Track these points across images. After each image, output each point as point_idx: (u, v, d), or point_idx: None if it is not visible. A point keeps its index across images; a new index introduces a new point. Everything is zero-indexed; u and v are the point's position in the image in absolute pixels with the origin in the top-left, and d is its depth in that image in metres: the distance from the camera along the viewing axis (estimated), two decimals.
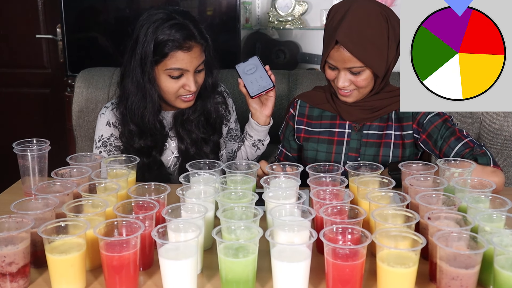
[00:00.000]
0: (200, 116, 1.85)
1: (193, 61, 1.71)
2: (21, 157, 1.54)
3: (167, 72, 1.71)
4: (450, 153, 1.65)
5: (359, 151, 1.77)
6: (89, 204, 1.28)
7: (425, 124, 1.72)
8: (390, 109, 1.75)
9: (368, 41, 1.59)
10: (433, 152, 1.71)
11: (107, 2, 3.02)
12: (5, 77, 3.54)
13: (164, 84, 1.73)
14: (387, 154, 1.75)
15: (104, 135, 1.83)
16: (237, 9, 2.89)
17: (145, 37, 1.68)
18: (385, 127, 1.76)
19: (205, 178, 1.44)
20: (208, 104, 1.86)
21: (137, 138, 1.79)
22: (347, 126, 1.79)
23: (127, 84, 1.76)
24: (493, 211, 1.21)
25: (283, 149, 1.94)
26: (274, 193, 1.34)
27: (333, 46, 1.60)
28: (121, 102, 1.79)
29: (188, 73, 1.72)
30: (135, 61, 1.71)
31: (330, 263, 1.09)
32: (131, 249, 1.12)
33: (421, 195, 1.27)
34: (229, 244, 1.12)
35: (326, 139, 1.81)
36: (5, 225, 1.17)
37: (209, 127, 1.88)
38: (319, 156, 1.81)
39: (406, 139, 1.75)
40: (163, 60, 1.69)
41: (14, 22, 3.42)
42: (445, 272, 1.07)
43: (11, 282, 1.14)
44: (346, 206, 1.25)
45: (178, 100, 1.77)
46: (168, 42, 1.67)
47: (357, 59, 1.59)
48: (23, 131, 3.32)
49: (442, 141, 1.68)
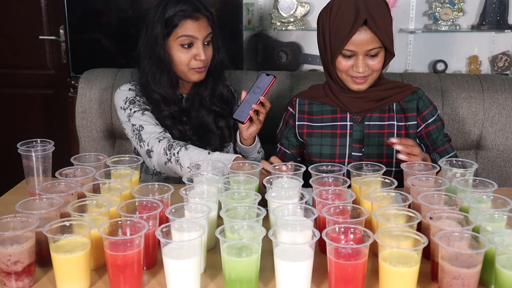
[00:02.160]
0: (213, 92, 1.95)
1: (202, 30, 1.83)
2: (25, 158, 1.55)
3: (179, 41, 1.82)
4: (444, 155, 1.80)
5: (363, 142, 1.81)
6: (93, 204, 1.29)
7: (429, 122, 1.82)
8: (393, 99, 1.82)
9: (383, 24, 1.68)
10: (427, 148, 1.83)
11: (110, 3, 3.03)
12: (9, 78, 3.55)
13: (176, 55, 1.83)
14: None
15: (129, 96, 1.89)
16: (239, 10, 2.90)
17: (156, 15, 1.82)
18: (387, 118, 1.82)
19: (208, 178, 1.45)
20: (219, 82, 1.96)
21: (163, 105, 1.87)
22: (348, 118, 1.83)
23: (143, 61, 1.87)
24: (494, 211, 1.21)
25: (281, 147, 1.94)
26: (277, 193, 1.35)
27: (356, 29, 1.65)
28: (142, 78, 1.89)
29: (197, 41, 1.83)
30: (149, 40, 1.84)
31: (333, 263, 1.10)
32: (135, 248, 1.13)
33: (423, 195, 1.27)
34: (232, 244, 1.12)
35: (329, 133, 1.83)
36: (11, 225, 1.18)
37: (223, 103, 1.97)
38: (323, 150, 1.83)
39: (410, 129, 1.82)
40: (174, 30, 1.81)
41: (18, 23, 3.43)
42: (446, 271, 1.08)
43: (16, 281, 1.15)
44: (349, 206, 1.26)
45: (190, 72, 1.86)
46: (178, 13, 1.80)
47: (378, 38, 1.67)
48: (26, 131, 3.34)
49: (441, 142, 1.84)
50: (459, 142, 2.28)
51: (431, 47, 3.30)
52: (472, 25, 3.25)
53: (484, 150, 2.30)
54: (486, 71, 3.31)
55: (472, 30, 3.25)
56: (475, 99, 2.25)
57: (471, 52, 3.29)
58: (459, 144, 2.28)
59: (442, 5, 3.14)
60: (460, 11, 3.16)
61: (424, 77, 2.35)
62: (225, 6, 2.93)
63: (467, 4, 3.21)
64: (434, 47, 3.30)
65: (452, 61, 3.29)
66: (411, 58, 3.30)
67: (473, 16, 3.24)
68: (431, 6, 3.19)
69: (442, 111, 2.25)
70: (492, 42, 3.27)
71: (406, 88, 1.84)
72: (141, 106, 1.88)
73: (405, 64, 3.30)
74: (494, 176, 2.29)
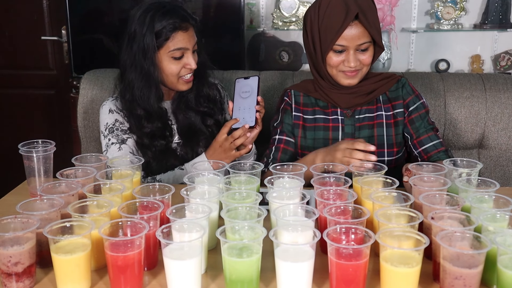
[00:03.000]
0: (199, 93, 1.94)
1: (191, 40, 1.83)
2: (26, 158, 1.55)
3: (170, 54, 1.80)
4: (428, 143, 1.83)
5: (354, 135, 1.84)
6: (94, 205, 1.29)
7: (411, 109, 1.86)
8: (381, 91, 1.86)
9: (373, 18, 1.73)
10: (410, 136, 1.85)
11: (112, 3, 3.04)
12: (11, 78, 3.56)
13: (167, 67, 1.82)
14: (381, 134, 1.85)
15: (109, 122, 1.88)
16: (241, 10, 2.90)
17: (143, 28, 1.78)
18: (375, 109, 1.86)
19: (209, 178, 1.45)
20: (203, 82, 1.95)
21: (146, 122, 1.85)
22: (339, 113, 1.86)
23: (130, 74, 1.84)
24: (496, 211, 1.21)
25: (283, 136, 1.89)
26: (278, 193, 1.34)
27: (348, 24, 1.69)
28: (126, 92, 1.86)
29: (188, 51, 1.82)
30: (137, 52, 1.80)
31: (334, 263, 1.09)
32: (136, 249, 1.13)
33: (425, 195, 1.27)
34: (233, 244, 1.12)
35: (322, 126, 1.86)
36: (11, 226, 1.17)
37: (210, 103, 1.97)
38: (316, 143, 1.85)
39: (399, 117, 1.86)
40: (165, 44, 1.79)
41: (20, 24, 3.43)
42: (448, 271, 1.07)
43: (17, 282, 1.15)
44: (350, 206, 1.25)
45: (180, 82, 1.85)
46: (167, 26, 1.77)
47: (368, 33, 1.71)
48: (28, 132, 3.34)
49: (424, 130, 1.84)
50: (461, 142, 2.28)
51: (434, 46, 3.30)
52: (475, 24, 3.25)
53: (486, 149, 2.29)
54: (489, 70, 3.30)
55: (474, 29, 3.24)
56: (477, 98, 2.25)
57: (474, 51, 3.29)
58: (461, 143, 2.28)
59: (444, 4, 3.13)
60: (462, 10, 3.15)
61: (426, 76, 2.35)
62: (227, 6, 2.93)
63: (469, 3, 3.20)
64: (436, 46, 3.29)
65: (454, 60, 3.29)
66: (413, 57, 3.30)
67: (475, 15, 3.24)
68: (433, 5, 3.19)
69: (445, 110, 2.24)
70: (494, 41, 3.26)
71: (392, 78, 1.89)
72: (119, 136, 1.86)
73: (407, 63, 3.29)
74: (496, 175, 2.29)
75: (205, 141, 1.91)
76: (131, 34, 1.82)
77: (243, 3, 2.89)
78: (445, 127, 2.26)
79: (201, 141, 1.91)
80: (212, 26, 2.96)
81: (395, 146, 1.85)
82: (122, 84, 1.88)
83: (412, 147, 1.86)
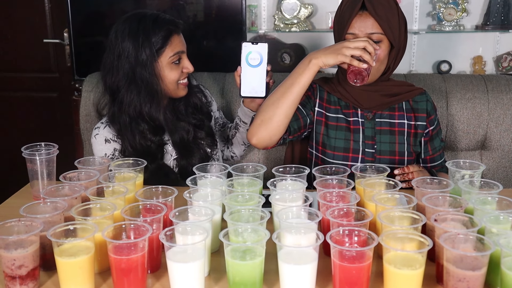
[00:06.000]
0: (188, 103, 1.93)
1: (184, 42, 1.85)
2: (29, 161, 1.55)
3: (171, 60, 1.80)
4: (438, 160, 1.89)
5: (375, 139, 1.82)
6: (97, 207, 1.29)
7: (432, 128, 1.87)
8: (403, 97, 1.84)
9: (385, 13, 1.71)
10: (426, 151, 1.88)
11: (114, 6, 3.04)
12: (13, 81, 3.57)
13: (168, 75, 1.81)
14: (402, 142, 1.83)
15: (108, 153, 1.82)
16: (243, 12, 2.90)
17: (138, 41, 1.76)
18: (397, 116, 1.85)
19: (212, 181, 1.45)
20: (190, 90, 1.92)
21: (152, 135, 1.83)
22: (359, 115, 1.84)
23: (128, 94, 1.78)
24: (500, 212, 1.21)
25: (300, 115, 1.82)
26: (281, 196, 1.34)
27: (356, 12, 1.70)
28: (123, 112, 1.80)
29: (184, 54, 1.85)
30: (133, 68, 1.76)
31: (337, 265, 1.09)
32: (139, 251, 1.13)
33: (428, 197, 1.27)
34: (236, 247, 1.12)
35: (344, 126, 1.84)
36: (15, 229, 1.18)
37: (198, 113, 1.96)
38: (337, 143, 1.83)
39: (419, 129, 1.86)
40: (164, 51, 1.78)
41: (22, 27, 3.44)
42: (451, 274, 1.07)
43: (21, 285, 1.16)
44: (353, 208, 1.26)
45: (179, 87, 1.86)
46: (163, 32, 1.77)
47: (378, 24, 1.70)
48: (31, 135, 3.33)
49: (439, 147, 1.89)
50: (464, 143, 2.28)
51: (435, 47, 3.29)
52: (476, 26, 3.24)
53: (489, 150, 2.29)
54: (491, 72, 3.30)
55: (476, 31, 3.24)
56: (479, 99, 2.24)
57: (476, 53, 3.28)
58: (464, 145, 2.28)
59: (446, 6, 3.13)
60: (464, 12, 3.15)
61: (428, 78, 2.35)
62: (229, 8, 2.93)
63: (471, 4, 3.20)
64: (438, 47, 3.29)
65: (456, 62, 3.28)
66: (415, 59, 3.29)
67: (477, 16, 3.23)
68: (435, 7, 3.18)
69: (447, 111, 2.25)
70: (496, 42, 3.26)
71: (414, 88, 1.88)
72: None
73: (409, 65, 3.29)
74: (499, 177, 2.29)
75: (199, 153, 1.90)
76: (119, 54, 1.77)
77: (244, 5, 2.89)
78: (447, 128, 2.26)
79: (195, 153, 1.89)
80: (214, 28, 2.96)
81: (413, 155, 1.86)
82: (116, 107, 1.81)
83: (422, 161, 1.89)
